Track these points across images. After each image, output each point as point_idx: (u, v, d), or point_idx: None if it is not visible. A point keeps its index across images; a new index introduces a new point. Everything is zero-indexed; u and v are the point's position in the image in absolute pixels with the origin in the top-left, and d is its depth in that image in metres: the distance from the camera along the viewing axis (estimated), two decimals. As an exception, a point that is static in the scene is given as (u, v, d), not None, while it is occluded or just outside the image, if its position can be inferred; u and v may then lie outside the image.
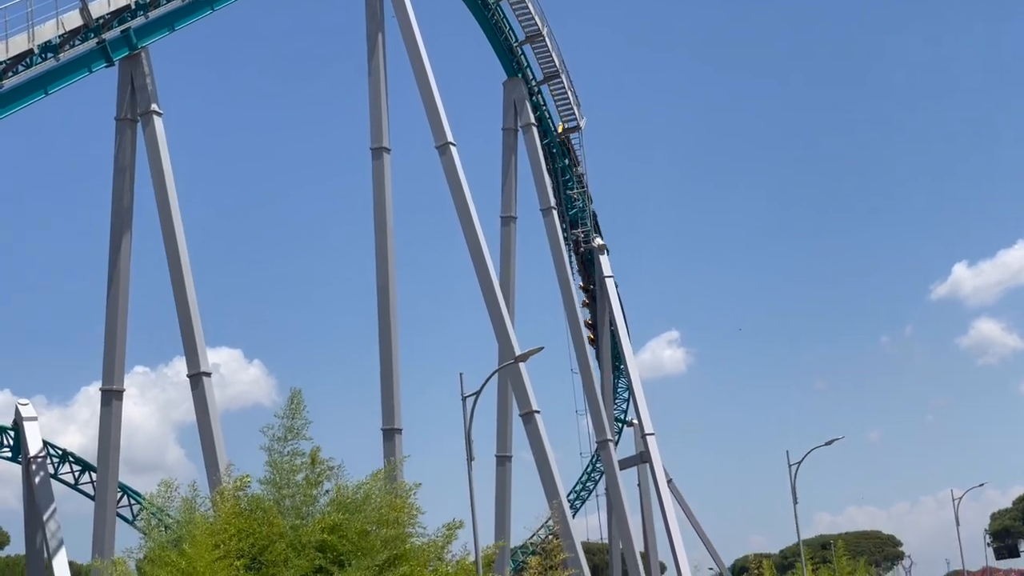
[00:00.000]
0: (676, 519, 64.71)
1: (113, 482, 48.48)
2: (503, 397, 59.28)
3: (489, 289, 50.62)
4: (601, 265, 69.16)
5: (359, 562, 23.27)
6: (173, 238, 44.68)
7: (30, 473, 53.18)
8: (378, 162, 52.09)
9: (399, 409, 50.63)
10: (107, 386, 47.18)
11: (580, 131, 69.31)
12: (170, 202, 44.80)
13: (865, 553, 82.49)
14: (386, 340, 51.06)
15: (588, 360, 62.29)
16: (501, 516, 60.03)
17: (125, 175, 47.19)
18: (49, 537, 51.79)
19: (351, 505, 24.86)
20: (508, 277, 60.39)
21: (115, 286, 47.07)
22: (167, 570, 23.55)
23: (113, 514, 48.90)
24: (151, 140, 45.49)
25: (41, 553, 53.43)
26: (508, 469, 60.52)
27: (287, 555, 23.68)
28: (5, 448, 58.00)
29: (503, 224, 61.93)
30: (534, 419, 49.84)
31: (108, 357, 47.23)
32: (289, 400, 26.49)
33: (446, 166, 51.24)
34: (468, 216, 50.78)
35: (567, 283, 61.90)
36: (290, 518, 24.97)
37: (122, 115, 46.96)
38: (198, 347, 43.97)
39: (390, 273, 51.53)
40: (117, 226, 47.29)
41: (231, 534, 24.06)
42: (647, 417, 65.56)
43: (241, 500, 25.54)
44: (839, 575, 50.22)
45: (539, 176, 61.33)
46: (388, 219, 51.76)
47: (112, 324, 47.12)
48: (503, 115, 62.62)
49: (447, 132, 51.16)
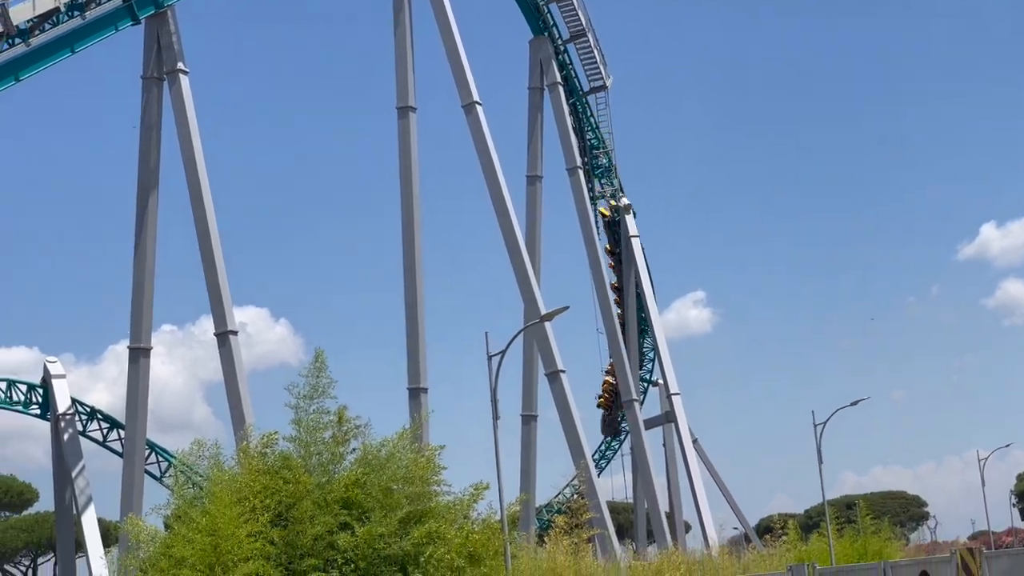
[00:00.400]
0: (701, 479, 64.79)
1: (141, 439, 48.84)
2: (529, 357, 59.36)
3: (515, 248, 50.61)
4: (627, 225, 68.96)
5: (381, 516, 23.37)
6: (200, 196, 44.80)
7: (59, 430, 53.57)
8: (404, 121, 52.05)
9: (424, 369, 50.79)
10: (135, 344, 47.47)
11: (606, 90, 68.98)
12: (196, 160, 44.90)
13: (890, 513, 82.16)
14: (411, 300, 51.17)
15: (613, 320, 62.25)
16: (526, 475, 60.24)
17: (151, 133, 47.31)
18: (78, 493, 52.19)
19: (376, 463, 24.98)
20: (533, 236, 60.34)
21: (142, 244, 47.28)
22: (191, 527, 23.75)
23: (141, 471, 49.31)
24: (177, 98, 45.58)
25: (70, 509, 53.89)
26: (533, 428, 60.69)
27: (313, 512, 23.82)
28: (34, 405, 58.38)
29: (528, 183, 61.82)
30: (559, 379, 49.91)
31: (136, 315, 47.49)
32: (313, 359, 26.61)
33: (472, 125, 51.15)
34: (494, 175, 50.72)
35: (593, 242, 61.79)
36: (317, 475, 25.10)
37: (148, 73, 47.05)
38: (225, 306, 44.16)
39: (416, 232, 51.57)
40: (144, 185, 47.44)
41: (256, 491, 24.21)
42: (672, 377, 65.53)
43: (268, 457, 25.68)
44: (864, 535, 50.09)
45: (565, 135, 61.13)
46: (414, 178, 51.76)
47: (139, 282, 47.35)
48: (529, 74, 62.38)
49: (473, 91, 51.05)
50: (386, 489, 24.32)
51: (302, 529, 23.59)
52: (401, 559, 23.25)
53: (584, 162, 65.29)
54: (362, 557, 23.01)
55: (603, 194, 69.52)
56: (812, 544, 50.00)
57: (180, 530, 24.19)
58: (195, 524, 23.70)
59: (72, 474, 52.26)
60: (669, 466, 71.10)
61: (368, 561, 22.99)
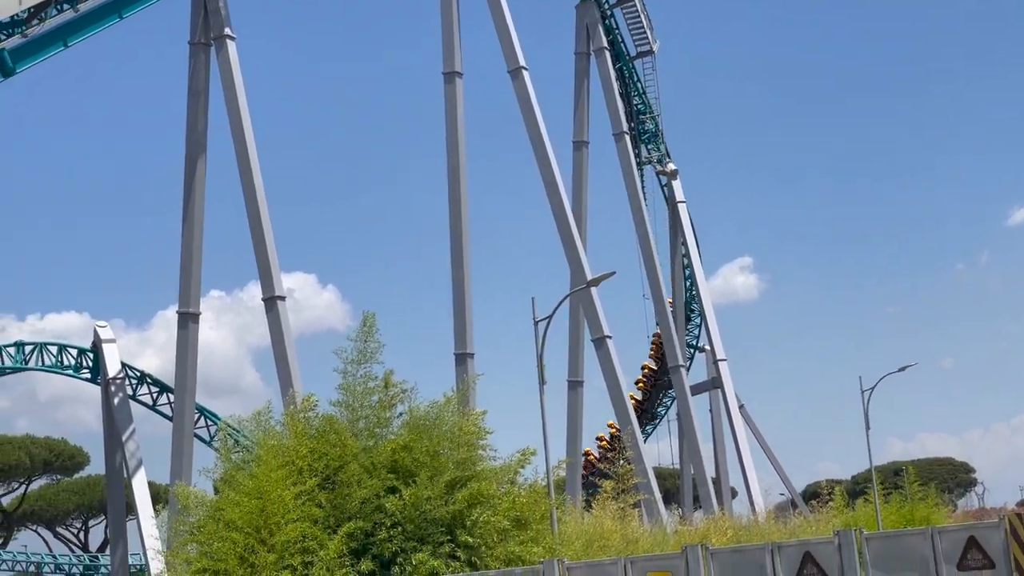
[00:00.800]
0: (747, 444, 64.71)
1: (190, 403, 49.26)
2: (575, 322, 59.35)
3: (561, 213, 50.54)
4: (674, 190, 68.73)
5: (427, 480, 23.48)
6: (247, 162, 44.97)
7: (109, 394, 54.12)
8: (450, 86, 52.03)
9: (471, 334, 50.94)
10: (183, 309, 47.82)
11: (653, 55, 68.64)
12: (243, 126, 45.04)
13: (937, 480, 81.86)
14: (458, 265, 51.28)
15: (660, 285, 62.12)
16: (573, 440, 60.33)
17: (199, 100, 47.49)
18: (128, 457, 52.75)
19: (423, 427, 25.06)
20: (580, 202, 60.25)
21: (190, 210, 47.55)
22: (239, 490, 23.95)
23: (191, 435, 49.75)
24: (224, 64, 45.71)
25: (121, 473, 54.49)
26: (580, 394, 60.73)
27: (359, 475, 23.95)
28: (85, 370, 59.03)
29: (575, 149, 61.69)
30: (606, 344, 49.89)
31: (184, 281, 47.81)
32: (362, 323, 26.50)
33: (518, 91, 51.03)
34: (540, 141, 50.62)
35: (639, 208, 61.63)
36: (363, 439, 25.22)
37: (196, 39, 47.20)
38: (272, 271, 44.37)
39: (462, 198, 51.62)
40: (192, 151, 47.68)
41: (302, 454, 24.37)
42: (719, 343, 65.40)
43: (313, 421, 25.81)
44: (911, 501, 49.94)
45: (611, 100, 60.91)
46: (460, 144, 51.78)
47: (188, 248, 47.65)
48: (575, 39, 62.11)
49: (519, 56, 50.91)
50: (433, 453, 24.40)
51: (349, 492, 23.71)
52: (448, 522, 23.37)
53: (630, 127, 65.07)
54: (409, 520, 23.14)
55: (649, 159, 69.31)
56: (859, 510, 49.90)
57: (228, 493, 24.39)
58: (242, 487, 23.89)
59: (122, 438, 52.84)
60: (715, 432, 71.08)
61: (415, 524, 23.12)
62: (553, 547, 24.17)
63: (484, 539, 23.35)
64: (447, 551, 23.07)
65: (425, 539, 23.10)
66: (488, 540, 23.40)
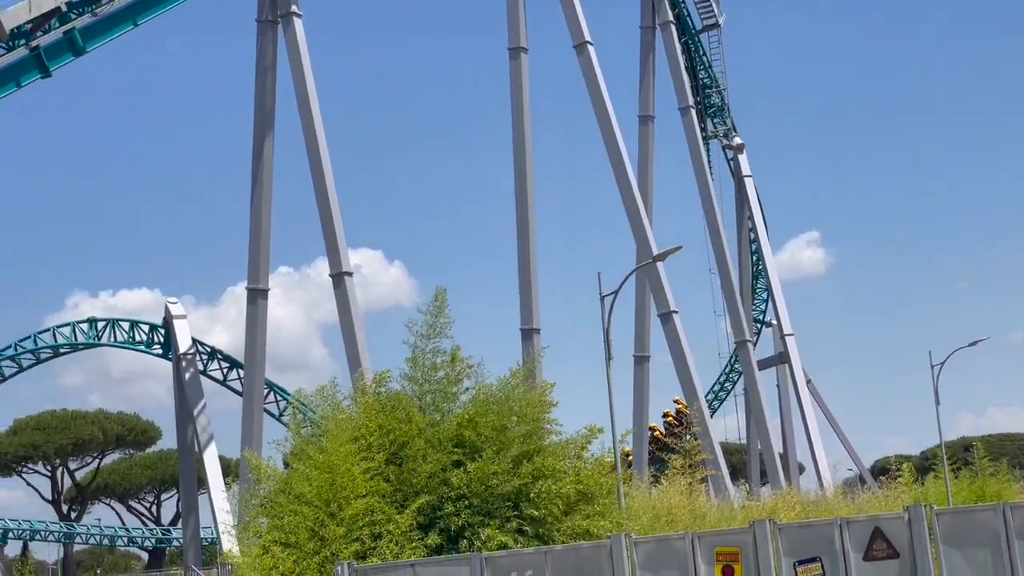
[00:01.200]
0: (815, 420, 64.42)
1: (260, 378, 49.68)
2: (641, 297, 59.29)
3: (627, 188, 50.43)
4: (740, 164, 68.35)
5: (493, 455, 23.57)
6: (314, 139, 45.15)
7: (180, 369, 54.74)
8: (515, 62, 51.99)
9: (537, 309, 51.00)
10: (252, 285, 48.20)
11: (719, 28, 68.24)
12: (310, 103, 45.22)
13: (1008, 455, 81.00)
14: (524, 240, 51.33)
15: (727, 260, 61.86)
16: (639, 415, 60.37)
17: (266, 77, 47.77)
18: (199, 431, 53.33)
19: (489, 401, 25.14)
20: (645, 176, 60.08)
21: (259, 187, 47.89)
22: (309, 465, 24.17)
23: (260, 410, 50.19)
24: (291, 41, 45.90)
25: (192, 447, 55.10)
26: (646, 369, 60.71)
27: (425, 450, 24.09)
28: (156, 345, 59.77)
29: (640, 123, 61.51)
30: (672, 319, 49.78)
31: (253, 257, 48.19)
32: (434, 297, 26.49)
33: (583, 66, 50.90)
34: (605, 116, 50.49)
35: (705, 182, 61.36)
36: (430, 414, 25.35)
37: (263, 16, 47.46)
38: (340, 247, 44.57)
39: (528, 174, 51.63)
40: (260, 128, 47.98)
41: (371, 430, 24.56)
42: (786, 317, 65.08)
43: (382, 396, 25.96)
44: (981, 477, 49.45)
45: (677, 75, 60.61)
46: (525, 119, 51.75)
47: (256, 225, 48.00)
48: (641, 13, 61.83)
49: (584, 31, 50.75)
50: (499, 428, 24.48)
51: (415, 467, 23.85)
52: (514, 497, 23.46)
53: (696, 101, 64.78)
54: (475, 494, 23.25)
55: (715, 133, 69.00)
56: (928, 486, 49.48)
57: (298, 467, 24.64)
58: (312, 462, 24.12)
59: (194, 412, 53.45)
60: (783, 407, 70.77)
61: (481, 498, 23.23)
62: (620, 521, 24.19)
63: (550, 511, 23.42)
64: (514, 525, 23.18)
65: (492, 514, 23.21)
66: (554, 511, 23.48)
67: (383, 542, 22.58)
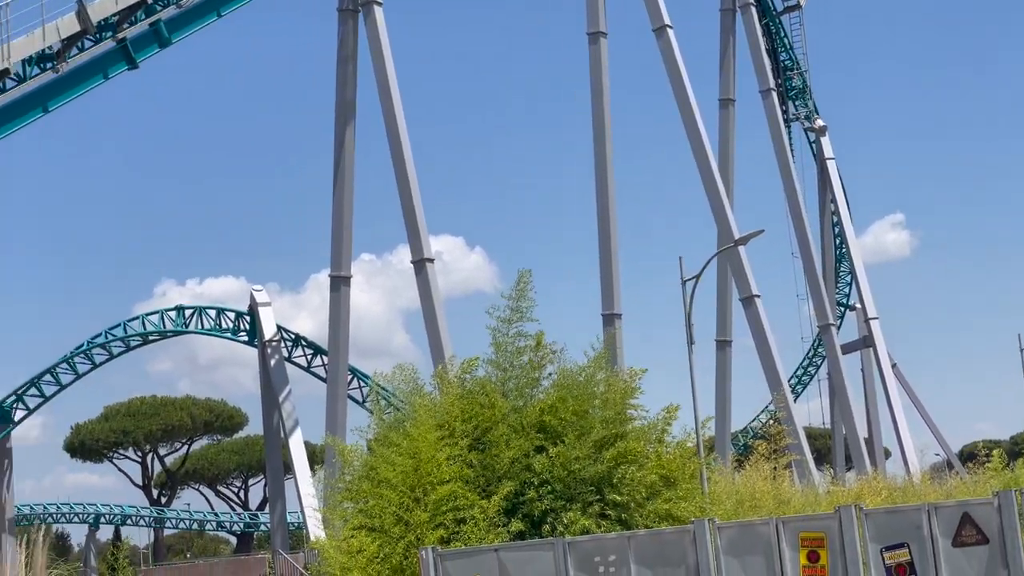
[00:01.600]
0: (900, 404, 63.74)
1: (344, 365, 50.11)
2: (723, 281, 58.99)
3: (707, 172, 50.17)
4: (822, 146, 67.71)
5: (575, 440, 23.60)
6: (395, 127, 45.33)
7: (265, 356, 55.34)
8: (595, 47, 51.83)
9: (618, 294, 50.89)
10: (335, 272, 48.60)
11: (800, 9, 67.62)
12: (391, 91, 45.40)
13: (1101, 441, 79.70)
14: (604, 226, 51.21)
15: (809, 243, 61.31)
16: (721, 400, 60.11)
17: (348, 66, 48.08)
18: (285, 417, 53.92)
19: (571, 387, 25.14)
20: (726, 160, 59.72)
21: (341, 176, 48.24)
22: (393, 450, 24.33)
23: (344, 396, 50.61)
24: (372, 30, 46.09)
25: (278, 433, 55.75)
26: (728, 354, 60.42)
27: (508, 436, 24.17)
28: (242, 332, 60.43)
29: (721, 107, 61.15)
30: (754, 303, 49.50)
31: (336, 245, 48.60)
32: (517, 281, 26.31)
33: (663, 49, 50.68)
34: (685, 99, 50.24)
35: (787, 165, 60.85)
36: (512, 399, 25.39)
37: (344, 5, 47.77)
38: (421, 234, 44.73)
39: (608, 158, 51.49)
40: (341, 116, 48.31)
41: (455, 415, 24.69)
42: (870, 301, 64.43)
43: (466, 382, 26.05)
44: (1073, 462, 48.61)
45: (757, 57, 60.13)
46: (605, 104, 51.60)
47: (339, 212, 48.38)
48: (721, -5, 61.40)
49: (664, 14, 50.52)
50: (581, 413, 24.48)
51: (498, 453, 23.93)
52: (596, 482, 23.48)
53: (777, 84, 64.25)
54: (557, 479, 23.30)
55: (797, 116, 68.38)
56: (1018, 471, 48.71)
57: (382, 452, 24.82)
58: (397, 447, 24.29)
59: (279, 398, 54.06)
60: (867, 391, 69.99)
61: (564, 483, 23.27)
62: (703, 506, 24.12)
63: (632, 495, 23.41)
64: (597, 510, 23.21)
65: (574, 498, 23.26)
66: (637, 496, 23.47)
67: (467, 527, 22.70)
